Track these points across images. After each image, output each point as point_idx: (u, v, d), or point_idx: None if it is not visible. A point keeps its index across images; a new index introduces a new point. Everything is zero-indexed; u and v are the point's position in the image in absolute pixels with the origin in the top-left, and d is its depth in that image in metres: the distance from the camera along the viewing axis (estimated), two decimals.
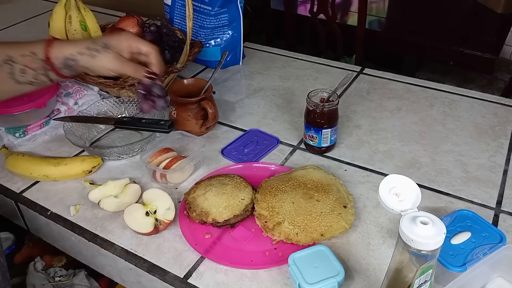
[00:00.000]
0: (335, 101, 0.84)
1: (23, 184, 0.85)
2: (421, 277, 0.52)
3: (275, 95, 1.08)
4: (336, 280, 0.60)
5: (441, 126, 0.95)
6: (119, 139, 0.95)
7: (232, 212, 0.72)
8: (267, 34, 2.09)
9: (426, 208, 0.76)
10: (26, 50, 0.73)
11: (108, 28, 1.09)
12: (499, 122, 0.96)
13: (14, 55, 0.73)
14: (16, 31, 1.48)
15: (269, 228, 0.70)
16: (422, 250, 0.49)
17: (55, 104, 1.00)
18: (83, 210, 0.79)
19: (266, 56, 1.26)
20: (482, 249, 0.62)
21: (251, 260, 0.68)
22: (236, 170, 0.84)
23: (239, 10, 1.16)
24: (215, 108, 0.91)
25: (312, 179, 0.77)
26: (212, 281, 0.66)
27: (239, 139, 0.93)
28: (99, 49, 0.74)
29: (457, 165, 0.85)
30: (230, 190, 0.75)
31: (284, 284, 0.65)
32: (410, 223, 0.50)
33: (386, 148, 0.90)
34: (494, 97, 1.04)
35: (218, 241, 0.71)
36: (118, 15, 1.52)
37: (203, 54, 1.15)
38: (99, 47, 0.74)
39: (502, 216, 0.74)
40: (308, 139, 0.88)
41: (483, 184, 0.80)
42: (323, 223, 0.69)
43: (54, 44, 0.73)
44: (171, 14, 1.22)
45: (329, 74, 1.16)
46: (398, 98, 1.05)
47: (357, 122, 0.98)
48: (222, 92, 1.10)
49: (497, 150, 0.88)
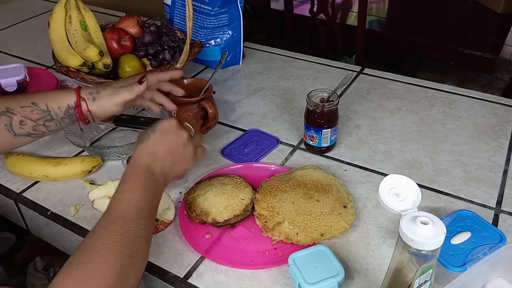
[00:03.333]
0: (335, 101, 0.84)
1: (23, 184, 0.85)
2: (421, 277, 0.52)
3: (275, 95, 1.08)
4: (336, 280, 0.60)
5: (441, 126, 0.95)
6: (119, 139, 0.95)
7: (232, 212, 0.72)
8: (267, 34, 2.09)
9: (426, 208, 0.76)
10: (26, 102, 0.73)
11: (108, 28, 1.09)
12: (499, 122, 0.96)
13: (13, 107, 0.73)
14: (16, 31, 1.48)
15: (269, 228, 0.70)
16: (422, 250, 0.49)
17: None
18: (83, 210, 0.79)
19: (266, 56, 1.26)
20: (482, 249, 0.62)
21: (251, 260, 0.68)
22: (236, 170, 0.84)
23: (239, 10, 1.16)
24: (215, 108, 0.91)
25: (312, 179, 0.77)
26: (212, 281, 0.66)
27: (239, 139, 0.93)
28: (100, 91, 0.76)
29: (457, 165, 0.85)
30: (230, 190, 0.75)
31: (284, 284, 0.65)
32: (410, 223, 0.50)
33: (386, 148, 0.90)
34: (494, 97, 1.04)
35: (218, 241, 0.71)
36: (118, 15, 1.52)
37: (203, 54, 1.15)
38: (101, 89, 0.76)
39: (502, 216, 0.74)
40: (308, 139, 0.88)
41: (483, 184, 0.80)
42: (323, 223, 0.69)
43: (54, 94, 0.75)
44: (171, 14, 1.22)
45: (329, 74, 1.16)
46: (398, 98, 1.05)
47: (357, 122, 0.98)
48: (222, 92, 1.10)
49: (497, 150, 0.88)
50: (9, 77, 0.91)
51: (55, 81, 0.97)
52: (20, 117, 0.73)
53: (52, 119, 0.75)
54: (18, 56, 1.31)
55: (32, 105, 0.73)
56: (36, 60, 1.27)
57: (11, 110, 0.72)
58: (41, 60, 1.27)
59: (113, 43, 1.04)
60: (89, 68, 0.99)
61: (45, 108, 0.73)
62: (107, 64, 1.00)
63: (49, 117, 0.74)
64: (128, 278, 0.53)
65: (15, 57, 1.31)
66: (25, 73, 0.93)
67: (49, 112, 0.74)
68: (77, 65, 0.97)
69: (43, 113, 0.74)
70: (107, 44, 1.03)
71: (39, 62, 1.26)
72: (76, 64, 0.97)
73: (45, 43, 1.10)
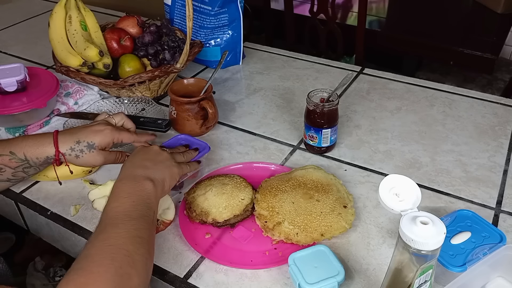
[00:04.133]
0: (335, 101, 0.84)
1: (23, 184, 0.85)
2: (421, 277, 0.52)
3: (275, 95, 1.08)
4: (336, 280, 0.60)
5: (441, 126, 0.95)
6: None
7: (232, 212, 0.72)
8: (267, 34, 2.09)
9: (426, 208, 0.76)
10: (4, 150, 0.73)
11: (108, 28, 1.09)
12: (499, 122, 0.96)
13: None
14: (16, 31, 1.48)
15: (269, 228, 0.70)
16: (422, 250, 0.49)
17: (55, 104, 1.00)
18: (83, 210, 0.79)
19: (266, 56, 1.26)
20: (482, 249, 0.62)
21: (251, 260, 0.68)
22: (236, 170, 0.84)
23: (239, 10, 1.16)
24: (215, 108, 0.91)
25: (312, 179, 0.77)
26: (212, 281, 0.66)
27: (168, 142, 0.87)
28: (84, 150, 0.75)
29: (457, 165, 0.85)
30: (230, 190, 0.75)
31: (284, 284, 0.65)
32: (410, 223, 0.50)
33: (386, 148, 0.90)
34: (494, 97, 1.04)
35: (218, 241, 0.71)
36: (118, 15, 1.52)
37: (203, 54, 1.15)
38: (84, 147, 0.75)
39: (502, 216, 0.74)
40: (308, 139, 0.88)
41: (483, 184, 0.80)
42: (323, 223, 0.69)
43: (31, 143, 0.74)
44: (171, 14, 1.22)
45: (329, 74, 1.16)
46: (398, 98, 1.05)
47: (357, 122, 0.98)
48: (222, 92, 1.10)
49: (497, 150, 0.88)
50: (9, 77, 0.91)
51: (55, 81, 0.97)
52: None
53: (31, 166, 0.75)
54: (18, 56, 1.31)
55: (10, 154, 0.73)
56: (36, 60, 1.27)
57: None
58: (41, 60, 1.27)
59: (113, 43, 1.04)
60: (89, 68, 0.99)
61: (23, 158, 0.73)
62: (107, 64, 1.00)
63: (28, 165, 0.74)
64: (129, 277, 0.53)
65: (15, 57, 1.31)
66: (25, 73, 0.93)
67: (27, 161, 0.74)
68: (77, 65, 0.97)
69: (21, 162, 0.74)
70: (107, 44, 1.03)
71: (39, 62, 1.26)
72: (76, 64, 0.97)
73: (45, 43, 1.10)
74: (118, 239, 0.56)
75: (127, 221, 0.58)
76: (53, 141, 0.74)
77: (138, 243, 0.57)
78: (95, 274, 0.51)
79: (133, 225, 0.58)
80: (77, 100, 1.02)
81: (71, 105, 1.01)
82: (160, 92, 1.07)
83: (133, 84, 0.98)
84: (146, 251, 0.57)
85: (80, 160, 0.76)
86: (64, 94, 1.03)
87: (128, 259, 0.54)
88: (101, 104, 1.00)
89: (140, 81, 0.98)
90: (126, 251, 0.55)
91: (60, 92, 1.02)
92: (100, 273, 0.51)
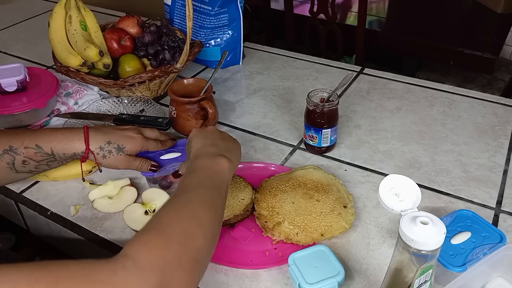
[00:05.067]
0: (335, 101, 0.84)
1: (23, 184, 0.85)
2: (421, 277, 0.52)
3: (275, 95, 1.08)
4: (336, 280, 0.60)
5: (441, 126, 0.95)
6: None
7: (232, 212, 0.72)
8: (267, 34, 2.09)
9: (426, 208, 0.76)
10: (30, 142, 0.73)
11: (108, 28, 1.09)
12: (499, 122, 0.96)
13: (17, 146, 0.73)
14: (16, 31, 1.48)
15: (269, 228, 0.70)
16: (422, 250, 0.49)
17: (55, 104, 1.00)
18: (83, 210, 0.79)
19: (266, 56, 1.26)
20: (482, 249, 0.62)
21: (251, 260, 0.68)
22: (236, 170, 0.84)
23: (239, 10, 1.16)
24: (215, 108, 0.91)
25: (312, 179, 0.77)
26: (212, 281, 0.66)
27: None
28: (112, 151, 0.76)
29: (457, 165, 0.85)
30: (230, 190, 0.75)
31: (284, 284, 0.65)
32: (410, 223, 0.50)
33: (386, 148, 0.90)
34: (494, 97, 1.04)
35: (218, 241, 0.71)
36: (118, 15, 1.52)
37: (203, 54, 1.15)
38: (113, 148, 0.76)
39: (502, 216, 0.74)
40: (308, 139, 0.88)
41: (483, 184, 0.80)
42: (323, 223, 0.69)
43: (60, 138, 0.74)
44: (171, 14, 1.22)
45: (329, 74, 1.16)
46: (398, 98, 1.05)
47: (357, 122, 0.98)
48: (222, 92, 1.10)
49: (497, 150, 0.88)
50: (9, 77, 0.91)
51: (55, 81, 0.97)
52: (23, 158, 0.73)
53: (55, 160, 0.75)
54: (18, 56, 1.31)
55: (36, 147, 0.73)
56: (36, 60, 1.27)
57: (14, 149, 0.72)
58: (41, 60, 1.27)
59: (113, 43, 1.04)
60: (89, 68, 0.99)
61: (49, 152, 0.74)
62: (107, 64, 1.00)
63: (53, 159, 0.75)
64: (195, 238, 0.54)
65: (15, 57, 1.31)
66: (25, 73, 0.93)
67: (54, 156, 0.74)
68: (77, 65, 0.97)
69: (47, 156, 0.74)
70: (107, 44, 1.03)
71: (39, 62, 1.26)
72: (76, 64, 0.97)
73: (45, 43, 1.10)
74: (188, 202, 0.58)
75: (200, 189, 0.60)
76: (84, 138, 0.75)
77: (207, 208, 0.58)
78: (162, 233, 0.53)
79: (205, 192, 0.60)
80: (77, 100, 1.02)
81: (71, 105, 1.01)
82: (160, 92, 1.07)
83: (133, 84, 0.98)
84: (214, 217, 0.58)
85: (106, 160, 0.77)
86: (64, 94, 1.03)
87: (195, 221, 0.56)
88: (101, 104, 1.00)
89: (140, 81, 0.98)
90: (195, 213, 0.57)
91: (60, 92, 1.02)
92: (167, 233, 0.53)
